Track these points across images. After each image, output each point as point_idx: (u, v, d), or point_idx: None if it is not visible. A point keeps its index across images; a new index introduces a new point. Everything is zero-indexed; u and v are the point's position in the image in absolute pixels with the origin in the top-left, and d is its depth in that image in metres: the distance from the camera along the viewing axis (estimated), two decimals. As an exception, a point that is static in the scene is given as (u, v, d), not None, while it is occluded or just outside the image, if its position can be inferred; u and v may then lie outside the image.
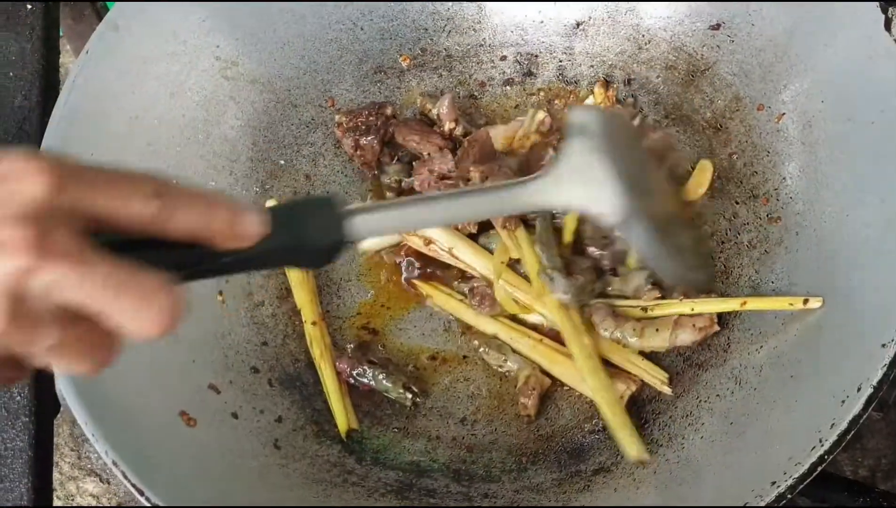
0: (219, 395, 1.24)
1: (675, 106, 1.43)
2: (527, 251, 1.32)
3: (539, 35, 1.49)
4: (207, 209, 0.74)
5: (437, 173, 1.39)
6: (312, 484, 1.21)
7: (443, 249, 1.36)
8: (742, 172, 1.36)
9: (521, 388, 1.30)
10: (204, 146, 1.37)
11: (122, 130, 1.30)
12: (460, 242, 1.37)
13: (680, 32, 1.43)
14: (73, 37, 1.80)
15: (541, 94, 1.49)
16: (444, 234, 1.36)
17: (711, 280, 1.31)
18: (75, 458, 2.22)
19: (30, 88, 1.36)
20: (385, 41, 1.49)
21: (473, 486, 1.24)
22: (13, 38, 1.39)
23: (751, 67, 1.38)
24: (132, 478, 1.06)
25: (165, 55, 1.35)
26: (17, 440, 1.18)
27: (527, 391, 1.29)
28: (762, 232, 1.31)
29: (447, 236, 1.36)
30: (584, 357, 1.27)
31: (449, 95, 1.45)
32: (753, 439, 1.13)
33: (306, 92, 1.46)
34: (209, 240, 0.75)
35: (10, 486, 1.17)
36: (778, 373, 1.18)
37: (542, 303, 1.32)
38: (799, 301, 1.21)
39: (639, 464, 1.21)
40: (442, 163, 1.40)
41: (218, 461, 1.17)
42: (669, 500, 1.14)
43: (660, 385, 1.28)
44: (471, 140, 1.40)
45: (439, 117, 1.44)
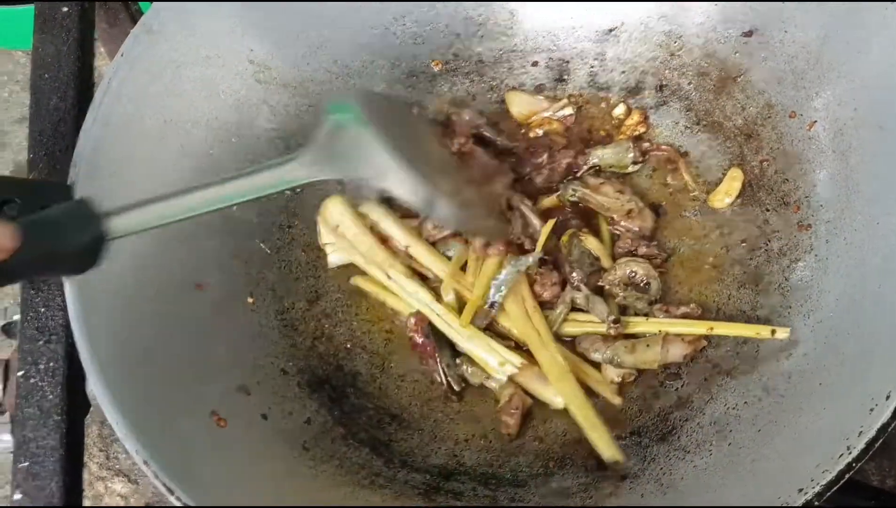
0: (248, 396, 1.24)
1: (706, 113, 1.43)
2: (480, 284, 1.34)
3: (571, 41, 1.49)
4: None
5: None
6: (340, 486, 1.21)
7: (399, 247, 1.38)
8: (773, 180, 1.36)
9: (504, 406, 1.31)
10: (236, 149, 1.38)
11: (155, 132, 1.30)
12: (416, 241, 1.38)
13: (712, 39, 1.43)
14: (107, 40, 1.80)
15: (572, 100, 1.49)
16: (400, 232, 1.38)
17: (503, 225, 1.36)
18: (104, 458, 2.23)
19: (65, 89, 1.37)
20: (417, 46, 1.49)
21: (500, 490, 1.25)
22: (49, 41, 1.40)
23: (783, 74, 1.38)
24: (162, 477, 1.07)
25: (199, 59, 1.36)
26: (48, 438, 1.19)
27: (509, 409, 1.30)
28: (793, 239, 1.31)
29: (404, 234, 1.38)
30: (550, 364, 1.29)
31: (469, 112, 1.45)
32: (781, 446, 1.13)
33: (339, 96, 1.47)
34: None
35: (41, 484, 1.17)
36: (806, 381, 1.18)
37: (507, 316, 1.34)
38: (767, 330, 1.24)
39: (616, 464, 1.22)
40: None
41: (247, 461, 1.18)
42: (697, 506, 1.14)
43: (610, 395, 1.30)
44: (466, 158, 1.41)
45: (454, 131, 1.45)
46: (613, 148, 1.42)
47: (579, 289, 1.33)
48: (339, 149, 1.12)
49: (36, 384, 1.22)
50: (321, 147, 1.12)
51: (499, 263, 1.34)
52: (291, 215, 1.41)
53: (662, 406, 1.28)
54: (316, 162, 1.10)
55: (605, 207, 1.38)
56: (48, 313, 1.24)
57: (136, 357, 1.15)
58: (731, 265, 1.35)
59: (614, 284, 1.33)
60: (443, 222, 1.20)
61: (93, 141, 1.24)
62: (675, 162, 1.42)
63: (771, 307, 1.29)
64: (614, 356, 1.29)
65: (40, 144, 1.34)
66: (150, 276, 1.24)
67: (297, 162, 1.10)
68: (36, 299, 1.25)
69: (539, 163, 1.41)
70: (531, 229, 1.37)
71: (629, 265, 1.33)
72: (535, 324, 1.31)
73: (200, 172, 1.33)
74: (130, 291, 1.21)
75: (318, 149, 1.12)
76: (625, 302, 1.33)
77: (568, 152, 1.42)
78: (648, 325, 1.31)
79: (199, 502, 1.06)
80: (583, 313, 1.34)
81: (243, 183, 1.08)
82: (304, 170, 1.10)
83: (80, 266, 0.97)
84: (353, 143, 1.12)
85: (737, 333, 1.27)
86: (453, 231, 1.38)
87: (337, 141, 1.12)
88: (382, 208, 1.39)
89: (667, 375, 1.30)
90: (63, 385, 1.22)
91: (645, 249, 1.36)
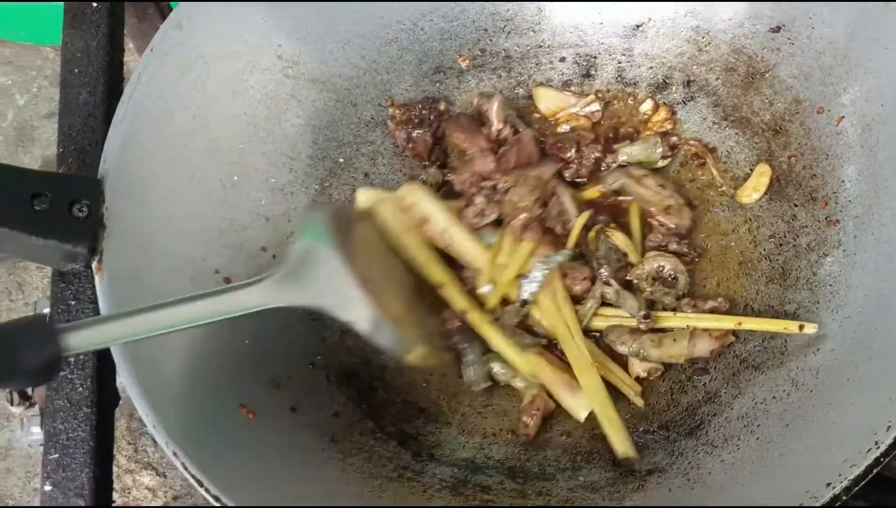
0: (278, 389, 1.25)
1: (734, 108, 1.43)
2: (512, 266, 1.34)
3: (598, 36, 1.49)
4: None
5: (478, 174, 1.41)
6: (369, 479, 1.22)
7: (436, 229, 1.38)
8: (801, 175, 1.36)
9: (525, 407, 1.31)
10: (265, 144, 1.39)
11: (184, 127, 1.31)
12: (455, 226, 1.38)
13: (740, 35, 1.42)
14: (136, 35, 1.81)
15: (599, 95, 1.49)
16: (440, 215, 1.38)
17: (444, 356, 1.34)
18: (132, 451, 2.24)
19: (95, 84, 1.38)
20: (445, 41, 1.49)
21: (528, 483, 1.25)
22: (79, 36, 1.41)
23: (811, 70, 1.37)
24: (192, 469, 1.07)
25: (228, 54, 1.36)
26: (79, 430, 1.20)
27: (531, 410, 1.30)
28: (820, 235, 1.31)
29: (443, 217, 1.38)
30: (576, 358, 1.29)
31: (499, 96, 1.45)
32: (809, 441, 1.13)
33: (366, 91, 1.47)
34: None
35: (71, 475, 1.18)
36: (834, 375, 1.17)
37: (538, 308, 1.34)
38: (794, 326, 1.23)
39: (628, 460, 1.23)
40: (483, 164, 1.41)
41: (276, 453, 1.18)
42: (724, 501, 1.14)
43: (633, 397, 1.30)
44: (512, 141, 1.42)
45: (488, 118, 1.45)
46: (642, 144, 1.42)
47: (609, 284, 1.33)
48: (305, 274, 1.12)
49: (66, 377, 1.23)
50: (287, 272, 1.12)
51: (533, 249, 1.34)
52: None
53: (690, 401, 1.28)
54: (281, 288, 1.11)
55: (644, 199, 1.38)
56: (78, 305, 1.25)
57: (165, 350, 1.15)
58: (759, 260, 1.35)
59: (642, 278, 1.33)
60: (389, 350, 1.20)
61: (122, 136, 1.25)
62: (702, 158, 1.42)
63: (799, 303, 1.29)
64: (640, 350, 1.29)
65: (69, 138, 1.35)
66: (179, 269, 1.25)
67: (260, 287, 1.10)
68: (66, 291, 1.26)
69: (567, 158, 1.41)
70: (566, 216, 1.37)
71: (657, 260, 1.33)
72: (564, 317, 1.31)
73: (229, 166, 1.34)
74: (160, 284, 1.22)
75: (285, 274, 1.12)
76: (652, 297, 1.33)
77: (596, 147, 1.42)
78: (676, 320, 1.31)
79: (228, 494, 1.07)
80: (611, 308, 1.34)
81: (203, 306, 1.08)
82: (266, 296, 1.10)
83: (37, 379, 0.99)
84: (319, 268, 1.12)
85: (765, 328, 1.27)
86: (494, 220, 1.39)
87: (304, 266, 1.13)
88: (423, 189, 1.39)
89: (694, 370, 1.30)
90: (93, 378, 1.23)
91: (676, 246, 1.36)
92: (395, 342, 1.16)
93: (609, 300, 1.34)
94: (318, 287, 1.11)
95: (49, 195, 1.18)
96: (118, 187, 1.22)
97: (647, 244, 1.37)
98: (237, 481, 1.09)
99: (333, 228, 1.14)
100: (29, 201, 1.17)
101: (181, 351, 1.15)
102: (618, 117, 1.48)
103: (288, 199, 1.39)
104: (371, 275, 1.17)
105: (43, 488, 1.18)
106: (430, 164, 1.46)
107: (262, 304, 1.10)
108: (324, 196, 1.42)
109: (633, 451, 1.23)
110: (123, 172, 1.23)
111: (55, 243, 1.17)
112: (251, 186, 1.36)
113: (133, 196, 1.23)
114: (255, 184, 1.37)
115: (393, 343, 1.16)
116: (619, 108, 1.49)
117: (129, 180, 1.23)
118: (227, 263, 1.30)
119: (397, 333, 1.15)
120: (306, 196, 1.41)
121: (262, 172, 1.38)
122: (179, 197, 1.29)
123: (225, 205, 1.33)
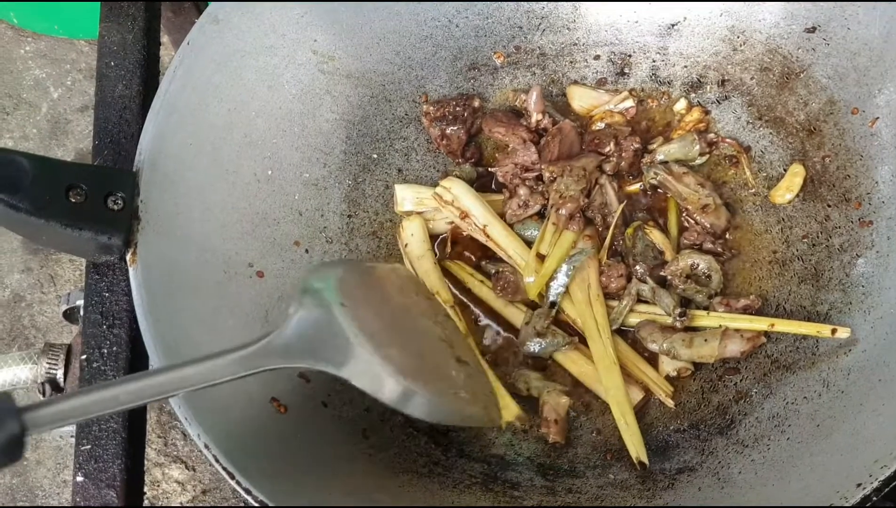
0: (309, 384, 1.25)
1: (768, 108, 1.43)
2: (553, 257, 1.34)
3: (633, 35, 1.49)
4: None
5: (521, 165, 1.41)
6: (399, 473, 1.22)
7: (477, 225, 1.38)
8: (835, 176, 1.36)
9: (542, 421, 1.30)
10: (299, 138, 1.39)
11: (219, 120, 1.32)
12: (495, 221, 1.38)
13: (775, 35, 1.42)
14: (171, 29, 1.82)
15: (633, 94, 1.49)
16: (480, 209, 1.38)
17: (490, 409, 1.20)
18: (161, 445, 2.25)
19: (131, 77, 1.39)
20: (479, 38, 1.50)
21: (558, 481, 1.25)
22: (115, 29, 1.42)
23: (846, 71, 1.37)
24: (223, 462, 1.08)
25: (264, 49, 1.37)
26: (111, 421, 1.20)
27: (547, 422, 1.30)
28: (854, 235, 1.31)
29: (483, 212, 1.38)
30: (601, 355, 1.30)
31: (537, 87, 1.46)
32: (840, 441, 1.13)
33: (400, 87, 1.48)
34: None
35: (104, 466, 1.19)
36: (865, 377, 1.18)
37: (570, 301, 1.34)
38: (827, 329, 1.23)
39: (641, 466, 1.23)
40: (525, 156, 1.41)
41: (308, 447, 1.19)
42: (754, 500, 1.14)
43: (664, 397, 1.30)
44: (554, 132, 1.42)
45: (527, 110, 1.46)
46: (679, 142, 1.42)
47: (645, 281, 1.33)
48: (306, 333, 1.05)
49: (99, 369, 1.23)
50: (291, 331, 1.05)
51: (575, 239, 1.35)
52: (353, 205, 1.42)
53: (721, 400, 1.28)
54: (280, 350, 1.04)
55: (682, 196, 1.38)
56: (112, 297, 1.26)
57: (198, 343, 1.16)
58: (792, 261, 1.35)
59: (676, 274, 1.33)
60: (422, 418, 1.09)
61: (158, 129, 1.26)
62: (735, 157, 1.42)
63: (831, 303, 1.29)
64: (671, 348, 1.29)
65: (105, 131, 1.35)
66: (212, 262, 1.25)
67: (251, 352, 1.03)
68: (100, 283, 1.27)
69: (606, 152, 1.41)
70: (607, 208, 1.37)
71: (692, 257, 1.33)
72: (594, 312, 1.31)
73: (263, 160, 1.35)
74: (193, 277, 1.22)
75: (288, 334, 1.05)
76: (684, 294, 1.33)
77: (634, 139, 1.42)
78: (710, 319, 1.31)
79: (259, 486, 1.07)
80: (645, 305, 1.35)
81: (189, 372, 1.01)
82: (264, 359, 1.03)
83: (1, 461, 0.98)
84: (320, 326, 1.05)
85: (797, 331, 1.27)
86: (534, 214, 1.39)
87: (304, 324, 1.06)
88: (463, 183, 1.40)
89: (725, 369, 1.30)
90: (126, 370, 1.23)
91: (710, 245, 1.36)
92: (432, 411, 1.07)
93: (644, 298, 1.34)
94: (320, 346, 1.05)
95: (84, 187, 1.18)
96: (153, 180, 1.23)
97: (681, 242, 1.37)
98: (268, 474, 1.10)
99: (345, 287, 1.08)
100: (64, 193, 1.17)
101: (214, 344, 1.16)
102: (651, 116, 1.48)
103: (321, 193, 1.40)
104: (398, 332, 1.11)
105: (75, 479, 1.19)
106: (463, 161, 1.46)
107: (256, 367, 1.03)
108: (357, 191, 1.42)
109: (646, 458, 1.23)
110: (158, 166, 1.24)
111: (90, 234, 1.18)
112: (285, 180, 1.37)
113: (167, 189, 1.24)
114: (289, 178, 1.37)
115: (429, 414, 1.07)
116: (653, 107, 1.49)
117: (163, 173, 1.24)
118: (260, 256, 1.30)
119: (435, 401, 1.06)
120: (339, 191, 1.41)
121: (296, 166, 1.39)
122: (213, 190, 1.29)
123: (258, 199, 1.33)
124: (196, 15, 1.68)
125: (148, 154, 1.24)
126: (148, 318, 1.14)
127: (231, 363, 1.02)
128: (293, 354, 1.04)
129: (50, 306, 2.43)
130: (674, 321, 1.30)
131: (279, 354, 1.03)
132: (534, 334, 1.32)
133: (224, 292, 1.25)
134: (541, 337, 1.32)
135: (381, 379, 1.02)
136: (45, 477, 2.26)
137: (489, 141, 1.48)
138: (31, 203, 1.14)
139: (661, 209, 1.41)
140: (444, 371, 1.13)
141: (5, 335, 2.40)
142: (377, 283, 1.19)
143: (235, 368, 1.02)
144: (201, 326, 1.19)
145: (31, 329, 2.41)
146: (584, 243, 1.34)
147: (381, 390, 1.03)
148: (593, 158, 1.40)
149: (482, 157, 1.48)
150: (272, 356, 1.03)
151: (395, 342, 1.06)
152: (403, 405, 1.04)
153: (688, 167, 1.42)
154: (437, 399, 1.05)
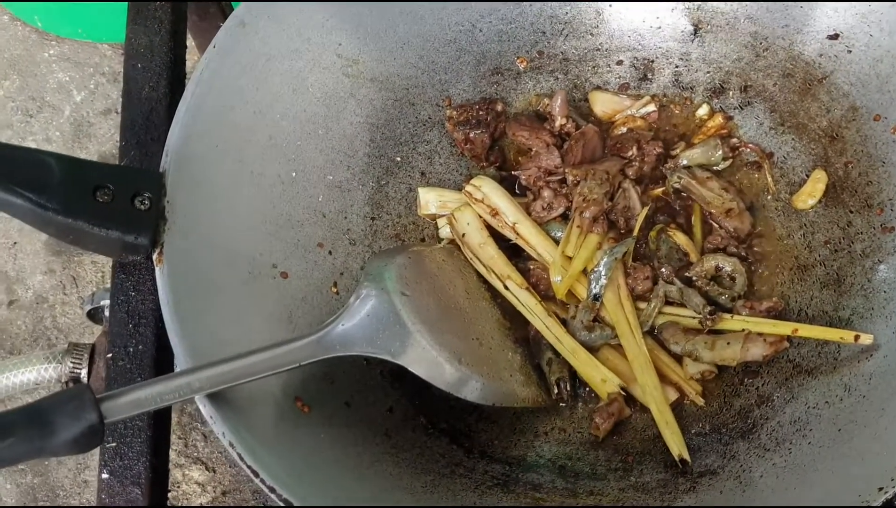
0: (332, 384, 1.26)
1: (790, 114, 1.43)
2: (580, 257, 1.34)
3: (656, 40, 1.50)
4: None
5: (544, 169, 1.41)
6: (421, 474, 1.22)
7: (507, 222, 1.38)
8: (857, 182, 1.36)
9: (601, 408, 1.31)
10: (323, 141, 1.40)
11: (245, 123, 1.33)
12: (525, 219, 1.39)
13: (798, 41, 1.43)
14: (197, 33, 1.83)
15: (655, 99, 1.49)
16: (510, 207, 1.38)
17: (541, 391, 1.30)
18: (182, 446, 2.26)
19: (157, 79, 1.39)
20: (503, 43, 1.50)
21: (579, 483, 1.26)
22: (142, 31, 1.42)
23: (868, 78, 1.38)
24: (248, 460, 1.08)
25: (289, 52, 1.37)
26: (136, 419, 1.20)
27: (606, 411, 1.30)
28: (876, 241, 1.31)
29: (514, 210, 1.38)
30: (635, 355, 1.30)
31: (562, 91, 1.46)
32: (861, 445, 1.13)
33: (424, 91, 1.48)
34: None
35: (128, 463, 1.19)
36: (887, 381, 1.18)
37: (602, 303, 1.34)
38: (850, 336, 1.24)
39: (683, 463, 1.23)
40: (549, 159, 1.42)
41: (331, 446, 1.19)
42: (776, 504, 1.14)
43: (694, 396, 1.31)
44: (577, 136, 1.42)
45: (551, 114, 1.46)
46: (702, 147, 1.43)
47: (672, 283, 1.33)
48: (367, 322, 1.13)
49: (124, 367, 1.24)
50: (348, 320, 1.13)
51: (599, 242, 1.35)
52: (377, 207, 1.43)
53: (743, 404, 1.28)
54: (341, 338, 1.12)
55: (706, 200, 1.38)
56: (138, 297, 1.27)
57: (223, 342, 1.17)
58: (814, 266, 1.35)
59: (700, 275, 1.33)
60: (477, 401, 1.20)
61: (184, 130, 1.27)
62: (758, 163, 1.43)
63: (853, 309, 1.29)
64: (693, 350, 1.30)
65: (131, 132, 1.36)
66: (237, 262, 1.26)
67: (315, 339, 1.12)
68: (126, 283, 1.27)
69: (629, 156, 1.42)
70: (630, 211, 1.38)
71: (717, 258, 1.34)
72: (625, 313, 1.31)
73: (287, 162, 1.35)
74: (219, 277, 1.23)
75: (345, 323, 1.13)
76: (708, 296, 1.33)
77: (656, 143, 1.42)
78: (734, 322, 1.31)
79: (283, 485, 1.07)
80: (672, 307, 1.35)
81: (255, 361, 1.09)
82: (327, 347, 1.12)
83: (77, 448, 1.00)
84: (381, 315, 1.13)
85: (821, 336, 1.27)
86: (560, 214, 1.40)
87: (365, 313, 1.14)
88: (493, 182, 1.40)
89: (747, 373, 1.30)
90: (151, 369, 1.24)
91: (734, 249, 1.36)
92: (486, 395, 1.17)
93: (672, 299, 1.34)
94: (379, 334, 1.12)
95: (111, 188, 1.19)
96: (179, 181, 1.24)
97: (705, 247, 1.38)
98: (292, 473, 1.10)
99: (404, 275, 1.16)
100: (92, 193, 1.18)
101: (239, 344, 1.16)
102: (674, 122, 1.49)
103: (345, 196, 1.40)
104: (455, 317, 1.17)
105: (100, 476, 1.20)
106: (487, 164, 1.46)
107: (316, 355, 1.12)
108: (380, 194, 1.43)
109: (687, 454, 1.24)
110: (184, 167, 1.24)
111: (117, 234, 1.19)
112: (309, 182, 1.37)
113: (193, 190, 1.25)
114: (313, 180, 1.38)
115: (484, 398, 1.17)
116: (676, 112, 1.49)
117: (189, 174, 1.25)
118: (284, 258, 1.31)
119: (490, 386, 1.15)
120: (363, 193, 1.42)
121: (320, 168, 1.39)
122: (239, 192, 1.30)
123: (283, 200, 1.34)
124: (221, 19, 1.69)
125: (174, 155, 1.25)
126: (174, 317, 1.15)
127: (294, 351, 1.09)
128: (354, 342, 1.12)
129: (72, 308, 2.44)
130: (703, 319, 1.30)
131: (341, 342, 1.11)
132: (582, 327, 1.32)
133: (249, 292, 1.25)
134: (588, 331, 1.32)
135: (439, 366, 1.12)
136: (66, 477, 2.27)
137: (512, 145, 1.48)
138: (59, 203, 1.15)
139: (683, 214, 1.41)
140: (500, 355, 1.19)
141: (28, 335, 2.41)
142: (434, 269, 1.26)
143: (298, 355, 1.09)
144: (227, 325, 1.20)
145: (54, 330, 2.41)
146: (608, 246, 1.35)
147: (439, 376, 1.12)
148: (616, 162, 1.40)
149: (505, 160, 1.48)
150: (334, 344, 1.11)
151: (452, 329, 1.13)
152: (459, 389, 1.14)
153: (711, 172, 1.42)
154: (493, 384, 1.16)
